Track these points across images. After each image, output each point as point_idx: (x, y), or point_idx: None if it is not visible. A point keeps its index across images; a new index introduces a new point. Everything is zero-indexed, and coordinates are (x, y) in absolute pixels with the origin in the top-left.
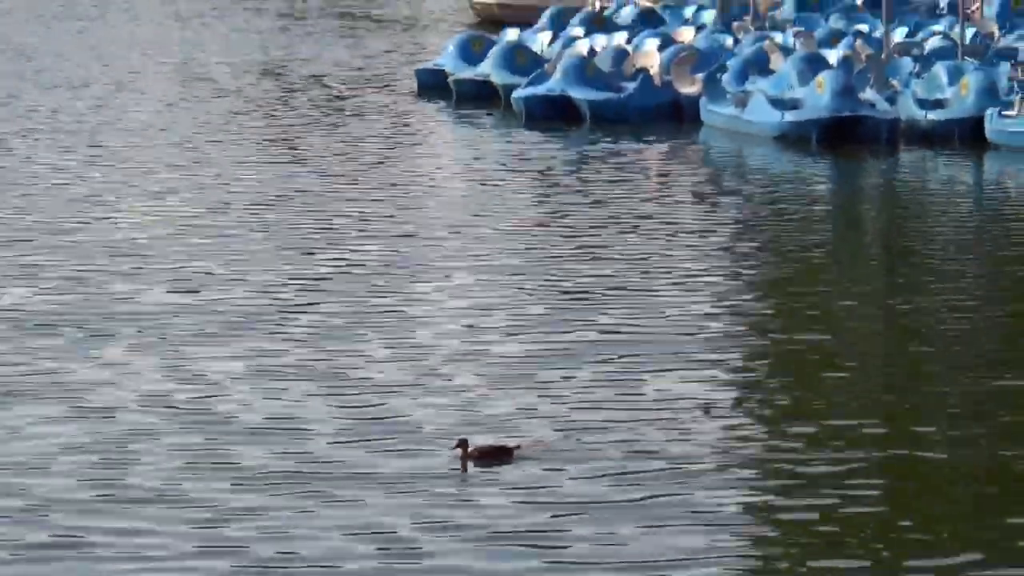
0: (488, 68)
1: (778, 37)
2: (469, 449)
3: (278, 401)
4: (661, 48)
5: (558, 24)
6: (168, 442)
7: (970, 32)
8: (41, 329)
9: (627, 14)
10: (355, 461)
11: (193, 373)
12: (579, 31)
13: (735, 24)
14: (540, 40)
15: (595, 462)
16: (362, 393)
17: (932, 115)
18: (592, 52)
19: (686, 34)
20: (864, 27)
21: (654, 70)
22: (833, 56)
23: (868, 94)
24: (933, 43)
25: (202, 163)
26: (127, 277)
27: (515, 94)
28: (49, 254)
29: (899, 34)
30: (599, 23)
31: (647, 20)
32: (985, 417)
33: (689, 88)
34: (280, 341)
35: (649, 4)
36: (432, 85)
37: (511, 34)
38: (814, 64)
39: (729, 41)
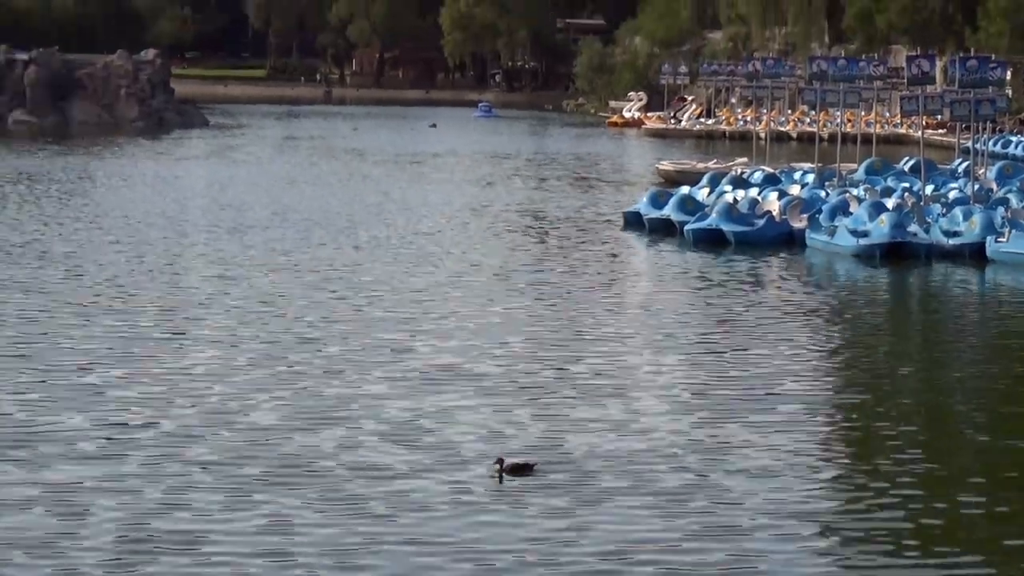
0: (669, 211)
1: (855, 191)
2: (504, 464)
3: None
4: (780, 198)
5: (714, 183)
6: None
7: (977, 187)
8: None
9: (758, 176)
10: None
11: (518, 418)
12: (728, 187)
13: (827, 183)
14: (702, 193)
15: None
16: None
17: (952, 241)
18: (736, 200)
19: (796, 189)
20: (908, 184)
21: (776, 212)
22: (890, 203)
23: (912, 227)
24: (953, 195)
25: (499, 274)
26: (459, 352)
27: (686, 227)
28: (402, 341)
29: (930, 189)
30: (740, 182)
31: (771, 180)
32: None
33: (798, 224)
34: (553, 395)
35: (771, 170)
36: (633, 221)
37: (684, 189)
38: (878, 208)
39: (823, 193)
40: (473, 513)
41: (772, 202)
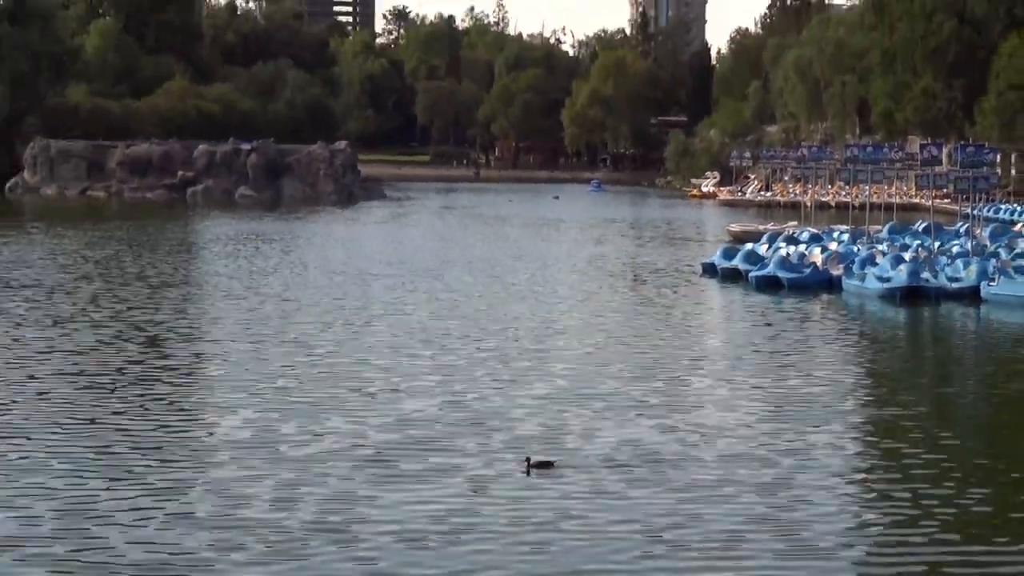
0: (737, 262)
1: (880, 247)
2: (531, 462)
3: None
4: (822, 252)
5: (771, 240)
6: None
7: (974, 243)
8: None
9: (805, 235)
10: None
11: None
12: (782, 244)
13: (858, 240)
14: (762, 248)
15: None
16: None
17: (955, 285)
18: (788, 254)
19: (834, 245)
20: (921, 241)
21: (819, 263)
22: (907, 256)
23: (925, 274)
24: (956, 249)
25: (609, 310)
26: (580, 373)
27: (751, 275)
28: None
29: (938, 245)
30: (792, 240)
31: (815, 238)
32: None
33: (836, 272)
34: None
35: (815, 231)
36: (709, 270)
37: (748, 245)
38: (898, 260)
39: (856, 248)
40: (602, 498)
41: (816, 255)
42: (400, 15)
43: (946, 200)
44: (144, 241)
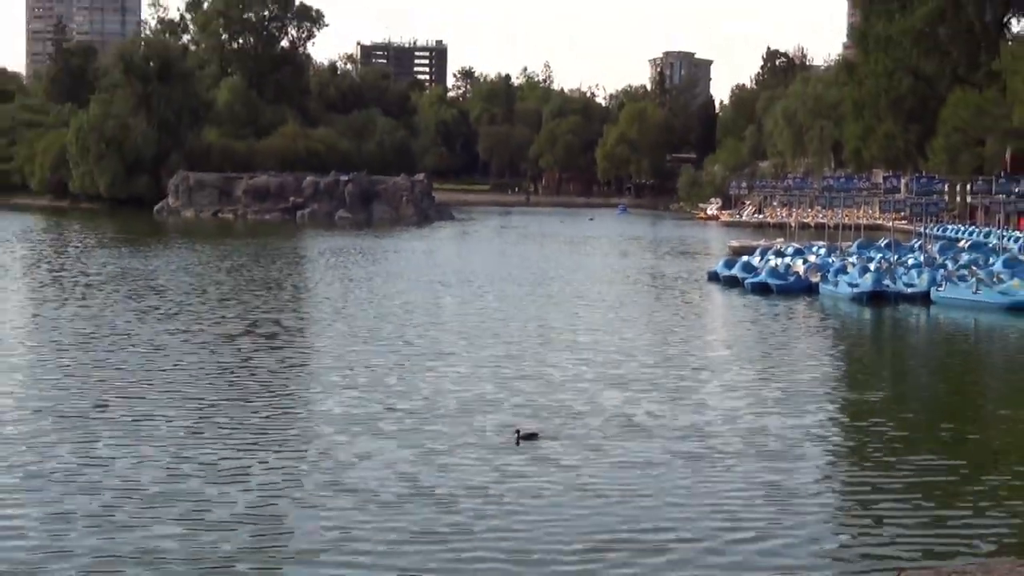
0: (736, 271)
1: (850, 258)
2: (520, 432)
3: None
4: (804, 263)
5: (763, 254)
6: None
7: (926, 256)
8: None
9: (790, 250)
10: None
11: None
12: (771, 256)
13: (832, 254)
14: (756, 260)
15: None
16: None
17: (910, 290)
18: (776, 264)
19: (813, 257)
20: (883, 254)
21: (801, 271)
22: (872, 266)
23: (886, 281)
24: (911, 261)
25: (631, 310)
26: (610, 361)
27: (746, 281)
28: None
29: (895, 257)
30: (779, 253)
31: (798, 252)
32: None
33: (815, 279)
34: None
35: (798, 245)
36: (713, 278)
37: (744, 258)
38: (864, 269)
39: (831, 260)
40: (650, 468)
41: (799, 265)
42: (467, 74)
43: (904, 221)
44: (263, 253)
